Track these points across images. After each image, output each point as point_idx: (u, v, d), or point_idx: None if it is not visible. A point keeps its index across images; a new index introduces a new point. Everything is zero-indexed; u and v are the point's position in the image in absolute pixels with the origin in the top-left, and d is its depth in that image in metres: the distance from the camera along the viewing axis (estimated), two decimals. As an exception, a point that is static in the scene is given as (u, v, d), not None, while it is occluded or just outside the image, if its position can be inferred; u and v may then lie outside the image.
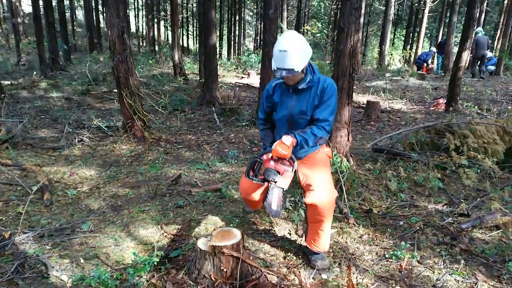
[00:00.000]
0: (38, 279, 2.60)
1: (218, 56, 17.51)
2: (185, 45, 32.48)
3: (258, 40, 29.33)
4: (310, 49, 2.48)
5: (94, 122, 6.80)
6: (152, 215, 3.70)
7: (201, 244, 2.45)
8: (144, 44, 29.02)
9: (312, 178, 2.62)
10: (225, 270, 2.41)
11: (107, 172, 5.05)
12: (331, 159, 3.01)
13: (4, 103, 7.67)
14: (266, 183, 2.48)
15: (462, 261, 2.77)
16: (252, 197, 2.90)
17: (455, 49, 11.93)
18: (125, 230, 3.39)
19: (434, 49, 16.44)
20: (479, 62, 12.93)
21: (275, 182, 2.42)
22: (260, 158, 2.55)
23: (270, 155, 2.48)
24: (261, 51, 9.95)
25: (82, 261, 2.85)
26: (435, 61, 16.97)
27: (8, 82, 11.43)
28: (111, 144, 6.25)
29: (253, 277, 2.50)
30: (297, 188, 3.74)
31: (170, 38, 25.31)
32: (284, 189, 2.48)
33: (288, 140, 2.41)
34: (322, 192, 2.56)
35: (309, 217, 2.70)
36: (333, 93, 2.54)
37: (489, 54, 13.30)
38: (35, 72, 13.08)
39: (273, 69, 2.43)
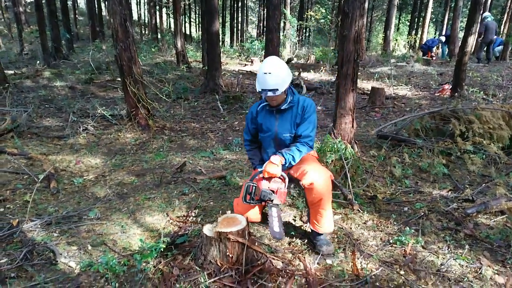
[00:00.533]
0: (47, 265, 2.64)
1: (221, 43, 17.38)
2: (188, 32, 32.25)
3: (261, 27, 29.05)
4: (290, 72, 2.76)
5: (98, 111, 6.82)
6: (158, 202, 3.73)
7: (207, 230, 2.47)
8: (147, 32, 28.86)
9: (303, 166, 2.73)
10: (230, 255, 2.44)
11: (112, 160, 5.09)
12: (317, 158, 3.16)
13: (8, 93, 7.69)
14: (263, 203, 2.63)
15: (467, 246, 2.78)
16: (251, 218, 2.93)
17: (461, 34, 11.76)
18: (131, 217, 3.42)
19: (443, 38, 16.16)
20: (486, 47, 12.74)
21: (272, 200, 2.56)
22: (253, 182, 2.67)
23: (262, 175, 2.63)
24: (264, 38, 9.87)
25: (89, 248, 2.89)
26: (440, 49, 16.77)
27: (12, 72, 11.45)
28: (116, 132, 6.27)
29: (259, 262, 2.53)
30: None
31: (172, 26, 25.12)
32: (280, 205, 2.64)
33: (276, 159, 2.60)
34: (315, 172, 2.65)
35: (309, 200, 2.76)
36: (313, 111, 2.80)
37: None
38: (38, 61, 13.08)
39: (257, 91, 2.66)
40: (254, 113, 2.94)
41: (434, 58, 15.63)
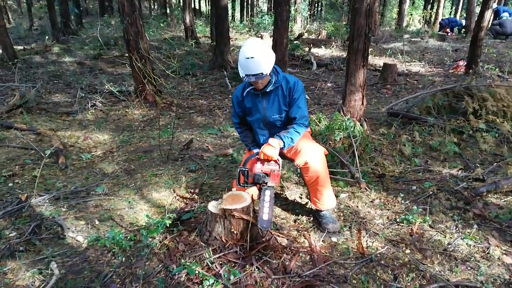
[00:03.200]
0: (55, 239, 2.68)
1: (230, 18, 17.04)
2: (197, 7, 31.74)
3: (272, 1, 28.38)
4: (273, 52, 2.59)
5: (106, 87, 6.80)
6: (165, 179, 3.74)
7: (212, 207, 2.47)
8: (156, 7, 28.46)
9: (296, 144, 2.69)
10: (235, 232, 2.44)
11: (120, 136, 5.10)
12: (310, 133, 3.14)
13: (17, 68, 7.70)
14: (258, 186, 2.55)
15: (475, 226, 2.73)
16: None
17: (477, 9, 11.38)
18: (138, 193, 3.44)
19: (463, 22, 15.67)
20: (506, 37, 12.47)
21: (266, 183, 2.49)
22: (245, 166, 2.58)
23: (257, 157, 2.55)
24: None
25: (97, 222, 2.92)
26: (456, 28, 16.27)
27: (21, 47, 11.45)
28: (124, 109, 6.27)
29: (263, 239, 2.54)
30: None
31: (181, 0, 24.71)
32: (275, 187, 2.59)
33: (275, 142, 2.51)
34: (309, 150, 2.63)
35: (306, 180, 2.75)
36: (302, 90, 2.68)
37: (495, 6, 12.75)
38: (47, 37, 13.03)
39: (241, 76, 2.53)
40: (239, 97, 2.80)
41: (449, 34, 15.18)
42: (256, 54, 2.40)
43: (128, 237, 2.65)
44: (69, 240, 2.67)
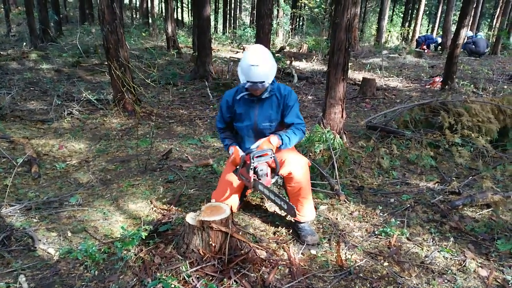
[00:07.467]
0: (25, 252, 2.57)
1: (213, 30, 17.09)
2: (180, 17, 31.76)
3: (255, 14, 28.66)
4: (275, 61, 2.63)
5: (84, 95, 6.66)
6: (142, 189, 3.66)
7: (190, 218, 2.42)
8: (138, 16, 28.31)
9: (280, 155, 2.70)
10: (213, 244, 2.39)
11: (97, 145, 4.98)
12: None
13: (-9, 74, 7.47)
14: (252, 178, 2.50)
15: (451, 239, 2.77)
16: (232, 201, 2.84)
17: (453, 28, 11.81)
18: (114, 204, 3.35)
19: (439, 39, 16.22)
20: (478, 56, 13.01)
21: (260, 179, 2.48)
22: (246, 158, 2.53)
23: (251, 155, 2.48)
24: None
25: (69, 234, 2.82)
26: (432, 45, 16.85)
27: (-3, 53, 11.13)
28: (101, 117, 6.14)
29: (242, 252, 2.49)
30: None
31: (164, 10, 24.68)
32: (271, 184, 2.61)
33: (274, 140, 2.56)
34: (293, 160, 2.64)
35: (288, 190, 2.75)
36: (295, 99, 2.73)
37: (470, 33, 13.37)
38: (25, 43, 12.73)
39: (242, 81, 2.52)
40: (230, 101, 2.77)
41: (426, 50, 15.67)
42: (261, 62, 2.42)
43: (102, 250, 2.57)
44: (40, 252, 2.56)
